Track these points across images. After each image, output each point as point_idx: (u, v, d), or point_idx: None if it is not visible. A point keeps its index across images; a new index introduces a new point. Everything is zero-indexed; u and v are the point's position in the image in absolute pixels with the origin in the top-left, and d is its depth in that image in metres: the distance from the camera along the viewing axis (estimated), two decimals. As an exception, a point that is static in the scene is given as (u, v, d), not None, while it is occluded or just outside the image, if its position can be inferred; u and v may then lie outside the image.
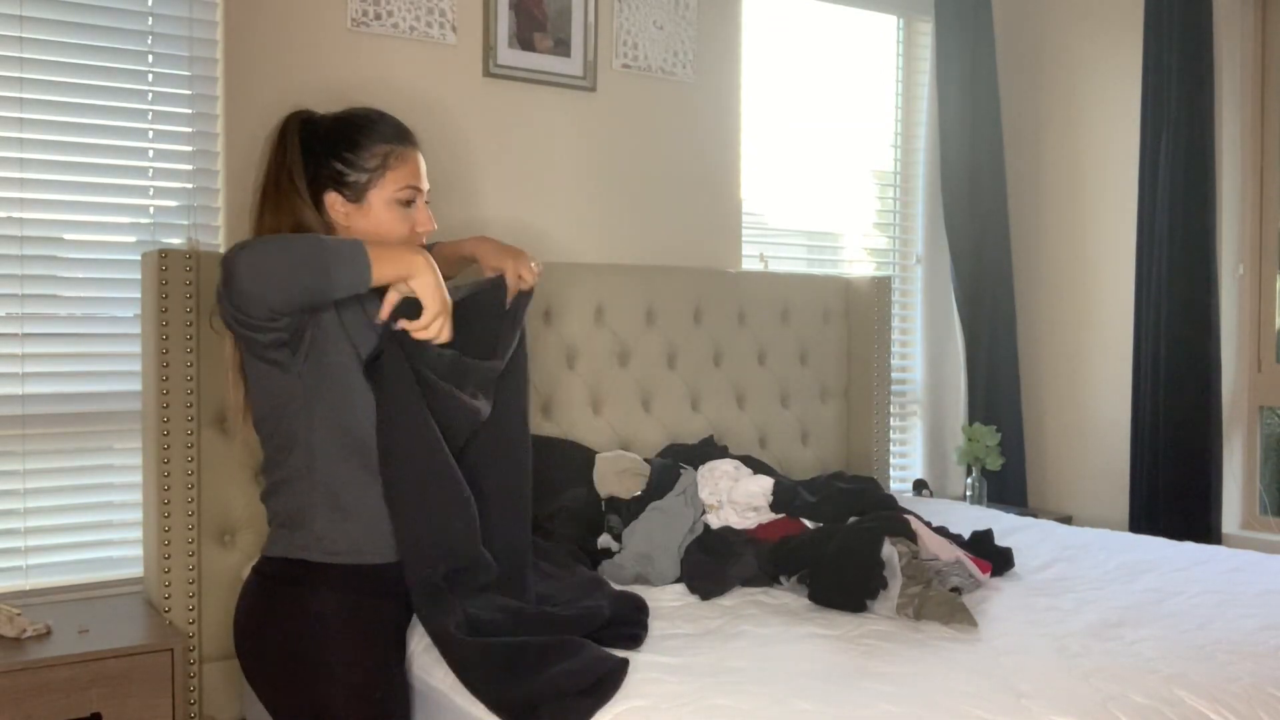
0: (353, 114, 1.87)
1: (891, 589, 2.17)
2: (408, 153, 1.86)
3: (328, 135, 1.83)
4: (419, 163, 1.88)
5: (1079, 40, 4.06)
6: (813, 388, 3.68)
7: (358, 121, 1.85)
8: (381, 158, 1.82)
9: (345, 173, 1.81)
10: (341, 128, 1.84)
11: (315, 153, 1.81)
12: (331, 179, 1.81)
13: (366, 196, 1.82)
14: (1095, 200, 4.02)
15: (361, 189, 1.82)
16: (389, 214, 1.83)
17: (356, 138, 1.82)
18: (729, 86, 3.64)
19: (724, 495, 2.72)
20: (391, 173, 1.83)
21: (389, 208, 1.83)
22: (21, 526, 2.61)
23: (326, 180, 1.81)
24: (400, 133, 1.87)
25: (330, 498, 1.77)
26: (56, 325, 2.66)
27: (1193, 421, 3.55)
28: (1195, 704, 1.69)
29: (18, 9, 2.59)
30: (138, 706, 2.26)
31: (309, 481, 1.77)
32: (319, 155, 1.81)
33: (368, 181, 1.82)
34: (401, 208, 1.84)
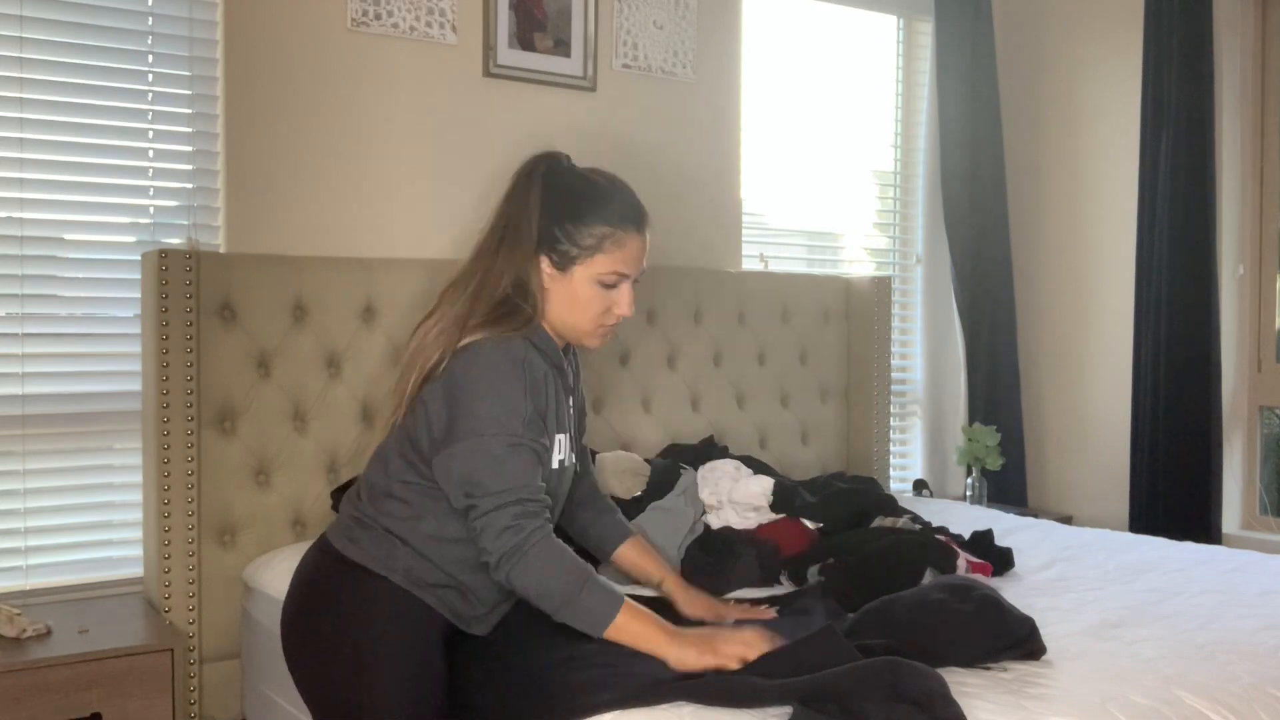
0: (593, 182, 1.85)
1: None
2: (629, 239, 1.82)
3: (561, 196, 1.82)
4: (640, 249, 1.84)
5: (1079, 40, 4.06)
6: (813, 388, 3.68)
7: (592, 193, 1.82)
8: (599, 239, 1.80)
9: (560, 240, 1.80)
10: (575, 194, 1.82)
11: (546, 207, 1.81)
12: (548, 241, 1.80)
13: (572, 270, 1.80)
14: (1095, 200, 4.02)
15: (569, 261, 1.80)
16: (587, 291, 1.81)
17: (583, 210, 1.80)
18: (729, 86, 3.64)
19: (724, 495, 2.72)
20: (603, 255, 1.80)
21: (589, 285, 1.81)
22: (21, 526, 2.61)
23: (544, 240, 1.80)
24: (629, 216, 1.83)
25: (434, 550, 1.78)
26: (56, 325, 2.66)
27: (1193, 421, 3.55)
28: (1195, 704, 1.69)
29: (18, 9, 2.59)
30: (138, 706, 2.26)
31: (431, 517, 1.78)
32: (546, 212, 1.80)
33: (577, 257, 1.80)
34: (600, 289, 1.81)
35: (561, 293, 1.82)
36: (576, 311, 1.83)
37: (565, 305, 1.82)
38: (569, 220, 1.80)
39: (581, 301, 1.82)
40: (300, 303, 2.72)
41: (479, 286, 1.79)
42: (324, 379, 2.75)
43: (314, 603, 1.81)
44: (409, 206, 3.06)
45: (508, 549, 1.66)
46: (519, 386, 1.71)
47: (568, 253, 1.80)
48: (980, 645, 1.80)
